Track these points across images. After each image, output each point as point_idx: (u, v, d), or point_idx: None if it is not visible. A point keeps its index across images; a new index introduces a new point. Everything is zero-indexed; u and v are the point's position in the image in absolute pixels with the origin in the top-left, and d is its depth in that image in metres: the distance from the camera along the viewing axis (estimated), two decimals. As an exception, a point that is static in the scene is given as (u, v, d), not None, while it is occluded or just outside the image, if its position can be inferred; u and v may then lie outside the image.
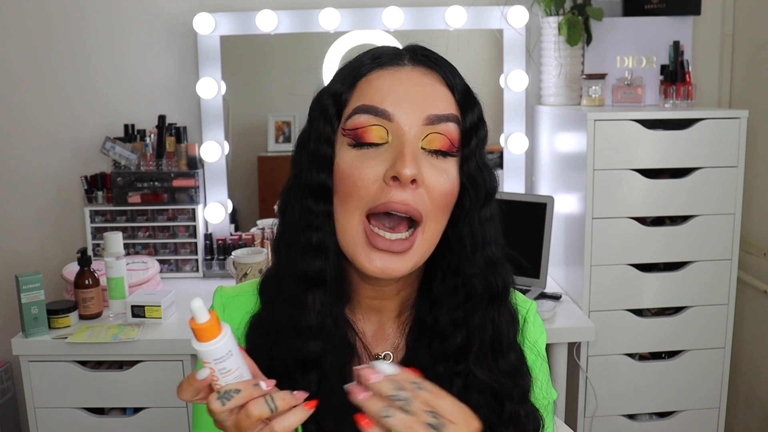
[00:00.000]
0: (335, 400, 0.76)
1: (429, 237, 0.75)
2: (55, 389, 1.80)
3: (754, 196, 2.11)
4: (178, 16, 2.23)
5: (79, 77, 2.26)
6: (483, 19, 2.21)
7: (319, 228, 0.76)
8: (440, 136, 0.74)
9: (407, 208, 0.72)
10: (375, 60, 0.77)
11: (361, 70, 0.77)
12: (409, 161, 0.70)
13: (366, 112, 0.73)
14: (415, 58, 0.77)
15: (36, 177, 2.30)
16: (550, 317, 1.87)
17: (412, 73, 0.76)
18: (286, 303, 0.78)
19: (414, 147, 0.72)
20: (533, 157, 2.34)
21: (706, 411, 2.03)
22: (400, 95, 0.74)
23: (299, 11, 2.19)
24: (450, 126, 0.74)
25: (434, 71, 0.77)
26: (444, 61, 0.78)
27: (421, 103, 0.74)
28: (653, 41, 2.16)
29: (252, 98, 2.35)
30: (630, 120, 1.86)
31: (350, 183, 0.73)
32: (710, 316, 1.98)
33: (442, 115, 0.74)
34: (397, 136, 0.73)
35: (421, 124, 0.73)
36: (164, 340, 1.76)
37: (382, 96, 0.74)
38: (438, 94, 0.75)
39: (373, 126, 0.73)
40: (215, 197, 2.27)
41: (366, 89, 0.75)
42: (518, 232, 0.84)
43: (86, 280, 1.86)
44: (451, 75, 0.77)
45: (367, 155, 0.73)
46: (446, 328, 0.78)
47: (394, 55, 0.77)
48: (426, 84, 0.75)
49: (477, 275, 0.78)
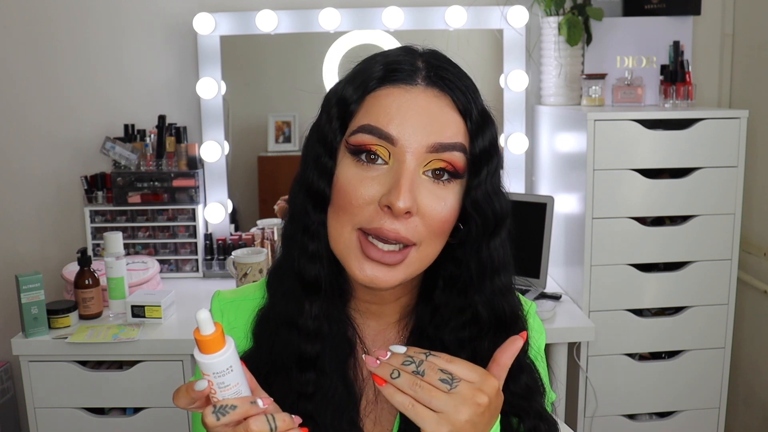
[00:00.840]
0: (333, 398, 0.77)
1: (424, 257, 0.75)
2: (55, 389, 1.80)
3: (754, 196, 2.11)
4: (178, 16, 2.23)
5: (79, 77, 2.26)
6: (483, 19, 2.21)
7: (315, 235, 0.76)
8: (443, 163, 0.72)
9: (397, 236, 0.71)
10: (388, 73, 0.74)
11: (371, 82, 0.74)
12: (404, 192, 0.69)
13: (370, 133, 0.72)
14: (431, 78, 0.74)
15: (36, 177, 2.30)
16: (550, 317, 1.87)
17: (423, 94, 0.73)
18: (286, 298, 0.78)
19: (413, 175, 0.71)
20: (533, 157, 2.34)
21: (706, 411, 2.03)
22: (407, 119, 0.71)
23: (299, 11, 2.19)
24: (455, 155, 0.72)
25: (447, 95, 0.74)
26: (460, 83, 0.75)
27: (427, 128, 0.71)
28: (653, 41, 2.16)
29: (252, 98, 2.35)
30: (630, 120, 1.86)
31: (346, 199, 0.72)
32: (710, 316, 1.98)
33: (447, 144, 0.72)
34: (399, 162, 0.71)
35: (424, 151, 0.71)
36: (164, 340, 1.76)
37: (388, 117, 0.71)
38: (447, 120, 0.73)
39: (376, 146, 0.72)
40: (215, 197, 2.27)
41: (374, 106, 0.73)
42: (518, 232, 0.83)
43: (86, 280, 1.86)
44: (466, 99, 0.74)
45: (367, 174, 0.72)
46: (451, 347, 0.78)
47: (409, 71, 0.74)
48: (436, 108, 0.72)
49: (482, 303, 0.77)
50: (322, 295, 0.77)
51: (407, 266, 0.74)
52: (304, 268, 0.77)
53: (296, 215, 0.78)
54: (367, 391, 0.81)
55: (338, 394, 0.77)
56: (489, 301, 0.77)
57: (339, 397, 0.77)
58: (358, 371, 0.81)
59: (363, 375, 0.81)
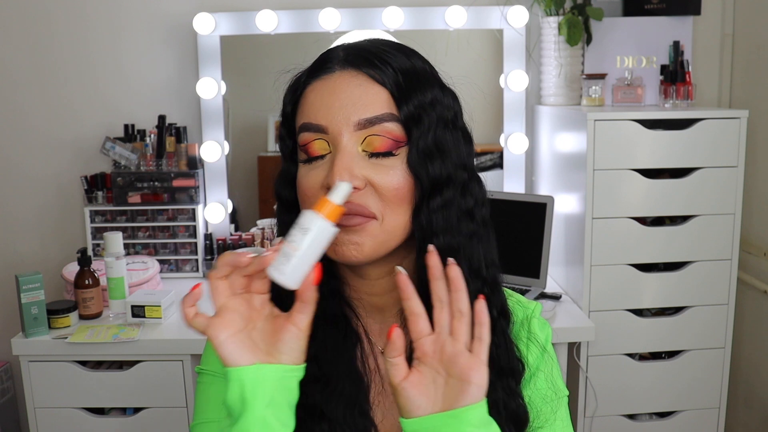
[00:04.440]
0: (341, 391, 0.77)
1: (390, 228, 0.74)
2: (55, 389, 1.80)
3: (754, 196, 2.11)
4: (178, 16, 2.23)
5: (79, 77, 2.26)
6: (483, 19, 2.21)
7: None
8: (379, 137, 0.74)
9: (351, 207, 0.72)
10: (311, 72, 0.79)
11: (299, 85, 0.79)
12: (338, 170, 0.71)
13: (307, 130, 0.76)
14: (347, 59, 0.76)
15: (36, 177, 2.30)
16: (550, 317, 1.87)
17: (341, 78, 0.75)
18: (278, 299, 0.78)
19: (350, 154, 0.73)
20: (533, 157, 2.34)
21: (706, 411, 2.03)
22: (329, 105, 0.74)
23: (299, 11, 2.19)
24: (387, 126, 0.74)
25: (361, 71, 0.75)
26: (373, 56, 0.76)
27: (349, 108, 0.73)
28: (653, 41, 2.16)
29: (252, 98, 2.35)
30: (630, 120, 1.86)
31: (302, 194, 0.77)
32: (710, 316, 1.98)
33: (372, 117, 0.73)
34: (334, 146, 0.74)
35: (353, 130, 0.73)
36: (164, 340, 1.76)
37: (315, 110, 0.75)
38: (367, 95, 0.74)
39: (315, 141, 0.75)
40: (215, 197, 2.27)
41: (305, 105, 0.77)
42: (518, 232, 0.83)
43: (86, 280, 1.86)
44: (381, 70, 0.75)
45: (314, 167, 0.76)
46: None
47: (324, 60, 0.78)
48: (353, 86, 0.74)
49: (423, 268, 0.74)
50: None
51: (373, 237, 0.74)
52: None
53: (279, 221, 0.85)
54: (376, 382, 0.81)
55: (346, 388, 0.77)
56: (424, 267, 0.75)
57: (348, 391, 0.77)
58: (366, 362, 0.81)
59: (370, 366, 0.81)
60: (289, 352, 0.70)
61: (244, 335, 0.69)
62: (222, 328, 0.68)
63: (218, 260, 0.70)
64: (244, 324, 0.70)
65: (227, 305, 0.70)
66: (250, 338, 0.70)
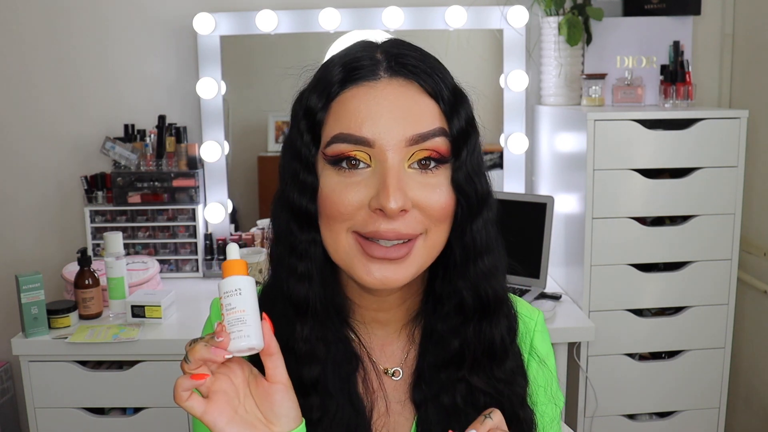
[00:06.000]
0: (342, 419, 0.75)
1: (431, 245, 0.72)
2: (55, 389, 1.80)
3: (754, 196, 2.11)
4: (178, 16, 2.23)
5: (79, 77, 2.26)
6: (483, 19, 2.21)
7: (303, 255, 0.73)
8: (427, 152, 0.69)
9: (398, 235, 0.69)
10: (349, 73, 0.71)
11: (333, 87, 0.71)
12: (392, 192, 0.66)
13: (345, 141, 0.68)
14: (393, 68, 0.70)
15: (36, 176, 2.30)
16: (550, 317, 1.87)
17: (389, 87, 0.69)
18: (280, 322, 0.74)
19: (398, 173, 0.68)
20: (533, 157, 2.34)
21: (706, 411, 2.03)
22: (378, 118, 0.68)
23: (299, 11, 2.19)
24: (437, 141, 0.69)
25: (413, 81, 0.70)
26: (423, 65, 0.71)
27: (401, 122, 0.68)
28: (653, 41, 2.16)
29: (252, 98, 2.35)
30: (630, 120, 1.86)
31: (334, 208, 0.70)
32: (710, 316, 1.98)
33: (426, 132, 0.69)
34: (380, 162, 0.68)
35: (404, 146, 0.68)
36: (164, 340, 1.76)
37: (359, 121, 0.68)
38: (419, 108, 0.69)
39: (354, 152, 0.69)
40: (215, 197, 2.27)
41: (342, 113, 0.70)
42: (518, 232, 0.83)
43: (86, 280, 1.86)
44: (434, 81, 0.71)
45: (351, 180, 0.69)
46: (445, 334, 0.77)
47: (369, 66, 0.71)
48: (405, 98, 0.69)
49: (466, 288, 0.75)
50: (311, 316, 0.74)
51: (415, 258, 0.71)
52: (293, 289, 0.74)
53: (281, 235, 0.76)
54: (378, 403, 0.79)
55: (346, 414, 0.75)
56: (474, 286, 0.75)
57: (348, 417, 0.75)
58: (368, 384, 0.79)
59: (372, 387, 0.79)
60: (287, 413, 0.69)
61: (242, 416, 0.68)
62: (219, 413, 0.67)
63: (189, 353, 0.66)
64: (237, 400, 0.69)
65: (213, 388, 0.68)
66: (247, 417, 0.68)
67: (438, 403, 0.77)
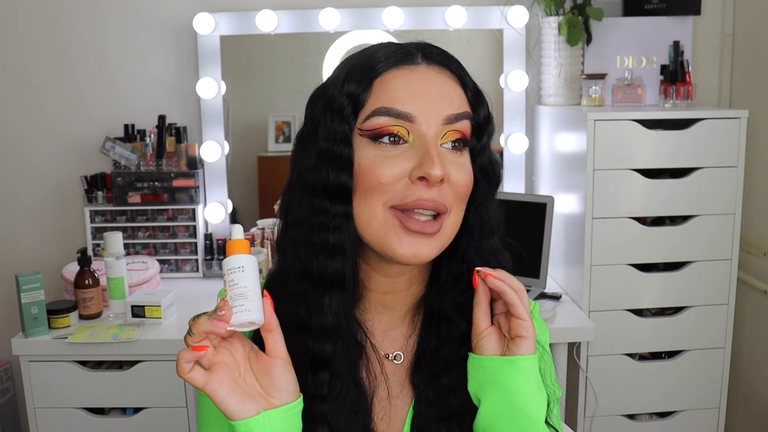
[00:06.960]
0: (345, 399, 0.78)
1: (452, 224, 0.78)
2: (55, 389, 1.80)
3: (754, 196, 2.11)
4: (178, 16, 2.23)
5: (79, 77, 2.26)
6: (483, 19, 2.21)
7: (336, 228, 0.76)
8: (457, 133, 0.76)
9: (435, 204, 0.74)
10: (389, 59, 0.77)
11: (375, 69, 0.77)
12: (436, 162, 0.72)
13: (386, 114, 0.74)
14: (429, 56, 0.78)
15: (36, 177, 2.30)
16: (550, 317, 1.87)
17: (428, 71, 0.77)
18: (294, 303, 0.78)
19: (437, 147, 0.74)
20: (533, 157, 2.34)
21: (706, 411, 2.03)
22: (419, 96, 0.75)
23: (299, 11, 2.19)
24: (465, 123, 0.77)
25: (447, 69, 0.79)
26: (454, 59, 0.80)
27: (439, 102, 0.75)
28: (653, 41, 2.16)
29: (252, 98, 2.35)
30: (630, 120, 1.86)
31: (374, 180, 0.74)
32: (710, 316, 1.98)
33: (459, 113, 0.76)
34: (419, 137, 0.74)
35: (440, 123, 0.75)
36: (164, 340, 1.76)
37: (401, 97, 0.75)
38: (453, 92, 0.77)
39: (395, 126, 0.74)
40: (215, 197, 2.27)
41: (383, 90, 0.76)
42: (518, 232, 0.85)
43: (86, 280, 1.86)
44: (462, 73, 0.80)
45: (390, 153, 0.74)
46: (451, 313, 0.81)
47: (408, 53, 0.78)
48: (442, 83, 0.77)
49: (480, 263, 0.80)
50: (345, 289, 0.77)
51: (442, 235, 0.76)
52: (324, 265, 0.76)
53: (298, 220, 0.78)
54: (379, 390, 0.82)
55: (351, 395, 0.78)
56: (486, 261, 0.81)
57: (351, 398, 0.78)
58: (371, 370, 0.82)
59: (375, 372, 0.82)
60: (286, 386, 0.72)
61: (242, 387, 0.71)
62: (220, 384, 0.69)
63: (193, 326, 0.69)
64: (238, 373, 0.71)
65: (215, 360, 0.70)
66: (248, 389, 0.71)
67: (437, 383, 0.81)
